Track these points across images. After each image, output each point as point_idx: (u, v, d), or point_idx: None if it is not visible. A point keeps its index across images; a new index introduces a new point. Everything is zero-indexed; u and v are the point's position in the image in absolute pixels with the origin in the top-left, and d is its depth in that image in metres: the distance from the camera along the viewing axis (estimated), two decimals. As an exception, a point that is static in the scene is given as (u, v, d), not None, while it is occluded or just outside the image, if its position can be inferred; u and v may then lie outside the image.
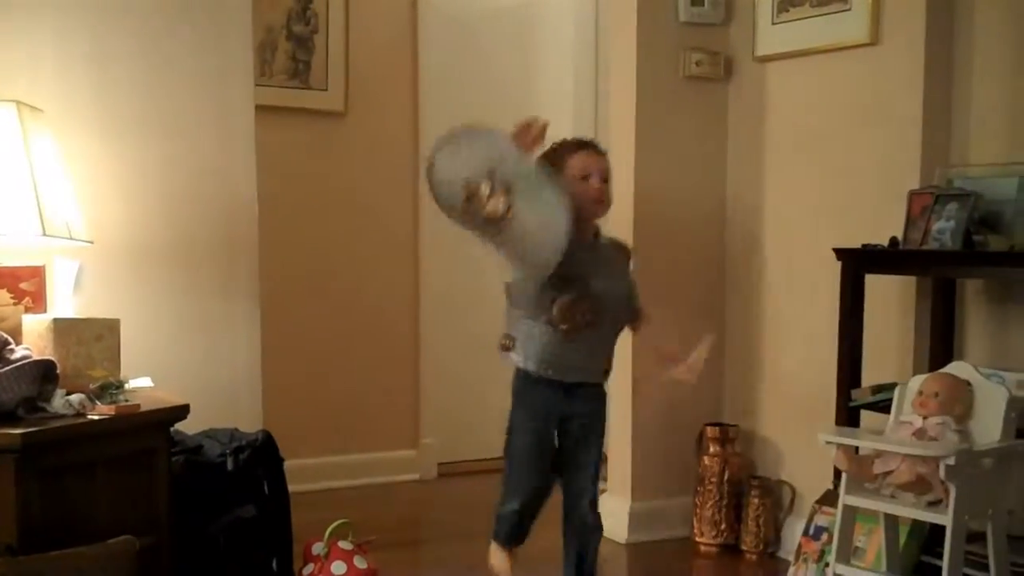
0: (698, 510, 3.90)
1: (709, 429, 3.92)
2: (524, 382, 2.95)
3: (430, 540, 4.22)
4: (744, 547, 3.82)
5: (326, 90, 4.75)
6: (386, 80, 4.90)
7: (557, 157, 2.73)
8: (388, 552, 3.49)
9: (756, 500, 3.80)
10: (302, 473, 3.62)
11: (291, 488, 3.07)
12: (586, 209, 2.69)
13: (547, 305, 2.68)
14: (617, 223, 4.05)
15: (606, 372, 2.94)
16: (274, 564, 3.00)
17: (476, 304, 5.22)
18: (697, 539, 3.90)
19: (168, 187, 3.21)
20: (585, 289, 2.68)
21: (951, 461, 2.46)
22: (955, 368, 2.73)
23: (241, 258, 3.33)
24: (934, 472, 2.51)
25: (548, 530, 3.30)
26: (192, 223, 3.23)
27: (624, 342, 3.96)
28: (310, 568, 3.00)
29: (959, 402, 2.62)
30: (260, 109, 3.42)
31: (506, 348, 2.92)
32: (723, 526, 3.86)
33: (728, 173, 4.06)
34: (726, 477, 3.86)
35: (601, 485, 4.35)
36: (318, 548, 3.02)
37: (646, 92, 3.92)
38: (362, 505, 4.35)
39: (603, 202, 2.76)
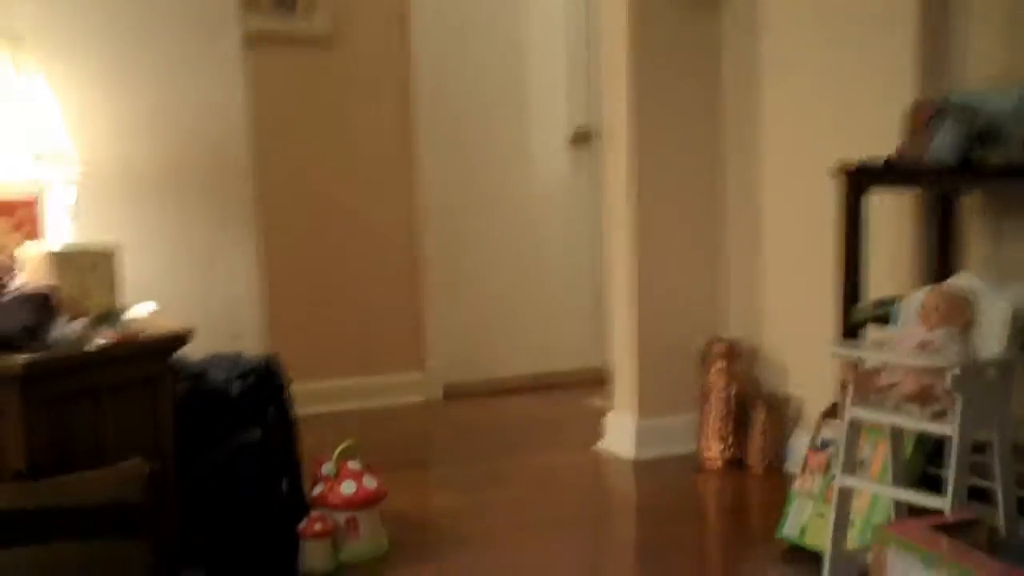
0: (704, 426, 3.91)
1: (714, 345, 3.92)
2: None
3: (437, 462, 4.26)
4: (750, 461, 3.83)
5: (314, 15, 4.67)
6: (375, 4, 4.82)
7: None
8: (396, 473, 3.52)
9: (762, 415, 3.80)
10: (308, 397, 3.62)
11: (298, 412, 3.08)
12: None
13: None
14: (615, 143, 4.02)
15: None
16: (284, 485, 3.02)
17: (476, 223, 5.22)
18: (703, 454, 3.91)
19: (157, 115, 3.17)
20: None
21: (956, 371, 2.45)
22: (958, 280, 2.71)
23: (235, 184, 3.31)
24: (939, 383, 2.50)
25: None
26: (184, 150, 3.21)
27: (626, 247, 3.97)
28: (320, 488, 3.03)
29: (961, 314, 2.59)
30: (248, 37, 3.38)
31: None
32: (729, 441, 3.87)
33: (724, 90, 4.01)
34: (732, 392, 3.87)
35: (606, 402, 4.39)
36: (327, 468, 3.04)
37: (639, 12, 3.86)
38: (369, 428, 4.38)
39: None
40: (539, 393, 5.11)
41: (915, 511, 2.70)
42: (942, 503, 2.52)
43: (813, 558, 2.91)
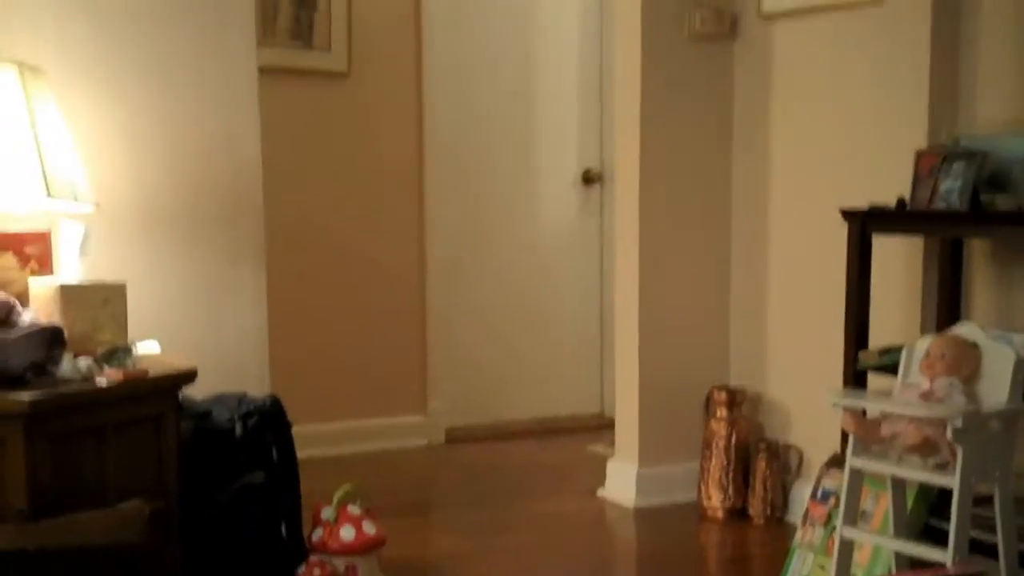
0: (705, 474, 3.90)
1: (716, 393, 3.91)
2: None
3: (439, 506, 4.24)
4: (751, 511, 3.82)
5: (329, 50, 4.72)
6: (390, 39, 4.87)
7: None
8: (397, 518, 3.50)
9: (764, 464, 3.79)
10: (309, 439, 3.61)
11: (299, 454, 3.07)
12: None
13: None
14: (623, 183, 4.04)
15: None
16: (283, 529, 3.01)
17: (482, 268, 5.23)
18: (704, 503, 3.90)
19: (172, 150, 3.19)
20: None
21: (958, 423, 2.45)
22: (962, 329, 2.72)
23: (246, 221, 3.32)
24: (941, 434, 2.50)
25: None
26: (197, 186, 3.22)
27: (630, 293, 3.98)
28: (319, 533, 3.01)
29: (966, 364, 2.60)
30: (262, 71, 3.39)
31: None
32: (730, 490, 3.85)
33: (734, 132, 4.04)
34: (733, 441, 3.86)
35: (608, 450, 4.38)
36: (327, 513, 3.02)
37: (651, 51, 3.90)
38: (370, 471, 4.36)
39: None
40: (541, 438, 5.09)
41: (916, 564, 2.70)
42: (943, 556, 2.52)
43: (815, 609, 2.90)
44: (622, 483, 4.06)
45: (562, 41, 5.42)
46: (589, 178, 5.47)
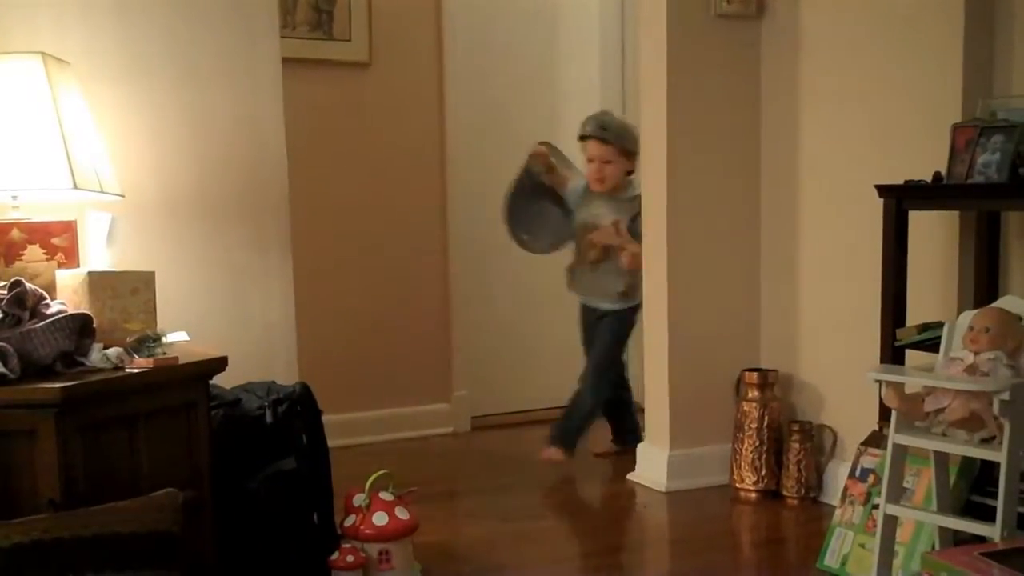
0: (738, 456, 3.86)
1: (747, 374, 3.87)
2: None
3: (469, 492, 4.20)
4: (785, 492, 3.78)
5: (350, 40, 4.68)
6: (410, 28, 4.84)
7: None
8: (425, 505, 3.47)
9: (796, 445, 3.75)
10: (336, 428, 3.59)
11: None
12: None
13: None
14: (650, 167, 3.99)
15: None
16: (315, 517, 2.98)
17: (505, 255, 5.18)
18: (737, 485, 3.86)
19: (197, 139, 3.17)
20: None
21: (1006, 396, 2.40)
22: (1006, 302, 2.67)
23: (272, 210, 3.30)
24: (987, 408, 2.46)
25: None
26: (222, 175, 3.20)
27: (659, 275, 3.94)
28: (352, 519, 2.98)
29: (1011, 337, 2.55)
30: (283, 61, 3.36)
31: None
32: (763, 472, 3.82)
33: (762, 112, 3.98)
34: (766, 422, 3.82)
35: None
36: (359, 499, 2.99)
37: (676, 32, 3.84)
38: (397, 459, 4.32)
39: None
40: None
41: (960, 540, 2.66)
42: (990, 531, 2.48)
43: (857, 588, 2.85)
44: (653, 466, 4.02)
45: (583, 26, 5.37)
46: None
